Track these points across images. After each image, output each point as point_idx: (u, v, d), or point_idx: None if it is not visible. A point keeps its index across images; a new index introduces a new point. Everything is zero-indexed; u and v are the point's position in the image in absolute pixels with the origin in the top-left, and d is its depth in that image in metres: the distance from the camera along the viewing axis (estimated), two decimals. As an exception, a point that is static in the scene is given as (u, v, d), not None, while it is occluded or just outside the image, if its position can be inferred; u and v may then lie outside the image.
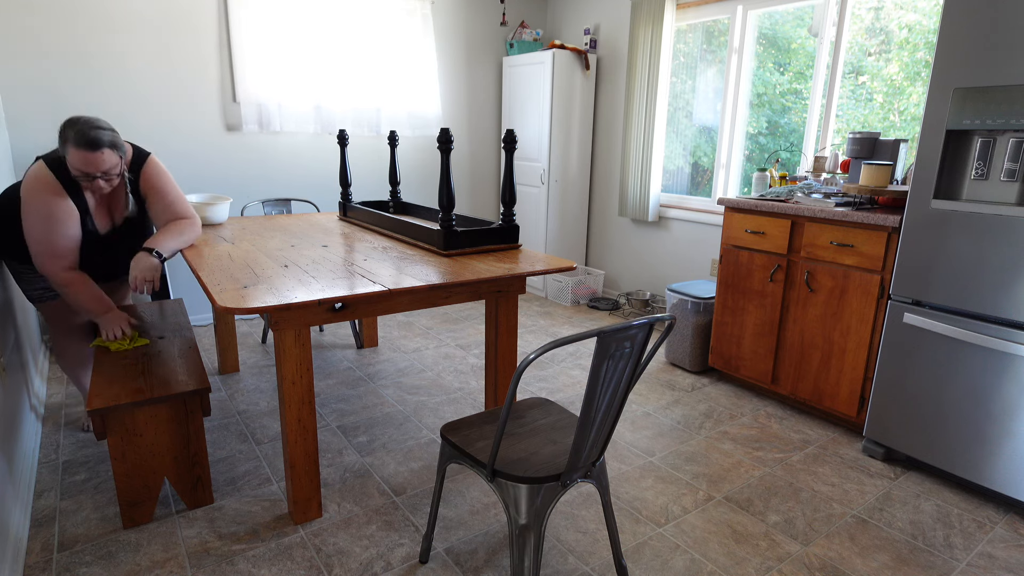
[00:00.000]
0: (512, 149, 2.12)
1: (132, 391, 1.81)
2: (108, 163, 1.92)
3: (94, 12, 3.17)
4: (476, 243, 2.22)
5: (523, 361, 1.17)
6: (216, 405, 2.71)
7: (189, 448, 1.89)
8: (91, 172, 1.90)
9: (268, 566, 1.71)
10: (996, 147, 1.96)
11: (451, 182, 2.11)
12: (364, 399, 2.80)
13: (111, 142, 1.92)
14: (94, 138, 1.87)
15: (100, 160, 1.89)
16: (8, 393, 2.01)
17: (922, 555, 1.81)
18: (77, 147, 1.86)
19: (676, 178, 4.10)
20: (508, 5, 4.57)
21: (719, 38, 3.65)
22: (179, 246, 2.22)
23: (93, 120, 1.91)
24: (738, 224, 2.81)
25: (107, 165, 1.92)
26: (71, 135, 1.86)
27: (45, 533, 1.83)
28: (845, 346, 2.46)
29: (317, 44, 3.76)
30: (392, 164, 2.97)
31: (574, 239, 4.63)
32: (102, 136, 1.89)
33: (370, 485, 2.12)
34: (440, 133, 2.04)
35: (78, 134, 1.86)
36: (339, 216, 3.07)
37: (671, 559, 1.77)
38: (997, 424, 2.00)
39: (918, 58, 2.81)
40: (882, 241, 2.29)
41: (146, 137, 3.43)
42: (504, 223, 2.27)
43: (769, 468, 2.28)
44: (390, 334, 3.70)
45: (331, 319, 1.77)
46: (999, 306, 1.96)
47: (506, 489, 1.40)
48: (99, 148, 1.88)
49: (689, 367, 3.17)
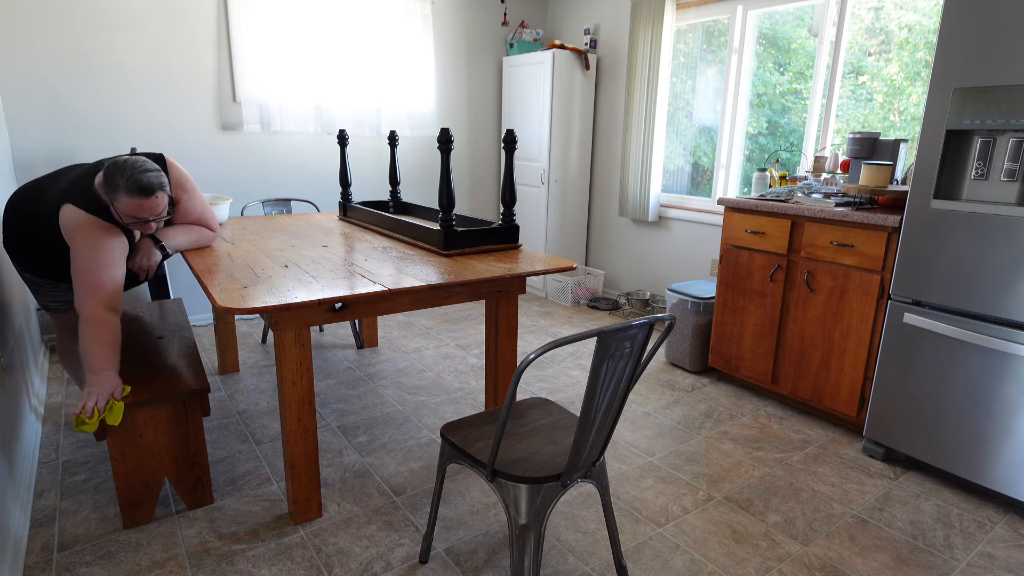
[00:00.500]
0: (512, 149, 2.13)
1: (132, 391, 1.80)
2: (161, 205, 1.86)
3: (93, 13, 3.17)
4: (476, 243, 2.22)
5: (523, 361, 1.17)
6: (216, 405, 2.71)
7: (189, 448, 1.89)
8: (145, 217, 1.85)
9: (268, 566, 1.71)
10: (996, 147, 1.96)
11: (451, 182, 2.11)
12: (364, 399, 2.80)
13: (160, 184, 1.84)
14: (147, 184, 1.79)
15: (155, 204, 1.83)
16: (8, 393, 2.01)
17: (922, 555, 1.81)
18: (131, 195, 1.78)
19: (676, 178, 4.10)
20: (508, 5, 4.57)
21: (719, 38, 3.65)
22: (186, 245, 2.19)
23: (140, 163, 1.83)
24: (738, 224, 2.81)
25: (160, 208, 1.86)
26: (121, 182, 1.77)
27: (45, 533, 1.83)
28: (845, 346, 2.46)
29: (317, 44, 3.76)
30: (392, 164, 2.97)
31: (574, 239, 4.63)
32: (153, 180, 1.81)
33: (370, 485, 2.12)
34: (440, 133, 2.04)
35: (129, 181, 1.77)
36: (339, 216, 3.07)
37: (671, 559, 1.77)
38: (997, 424, 2.00)
39: (918, 58, 2.81)
40: (882, 241, 2.29)
41: (146, 137, 3.43)
42: (504, 223, 2.27)
43: (769, 468, 2.28)
44: (390, 334, 3.70)
45: (331, 319, 1.77)
46: (999, 306, 1.96)
47: (506, 489, 1.40)
48: (153, 193, 1.81)
49: (689, 367, 3.17)
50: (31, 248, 2.03)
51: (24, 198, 2.03)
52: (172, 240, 2.13)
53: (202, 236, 2.26)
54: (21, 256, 2.05)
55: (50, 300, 2.17)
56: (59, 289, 2.15)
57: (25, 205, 2.01)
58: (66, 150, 3.25)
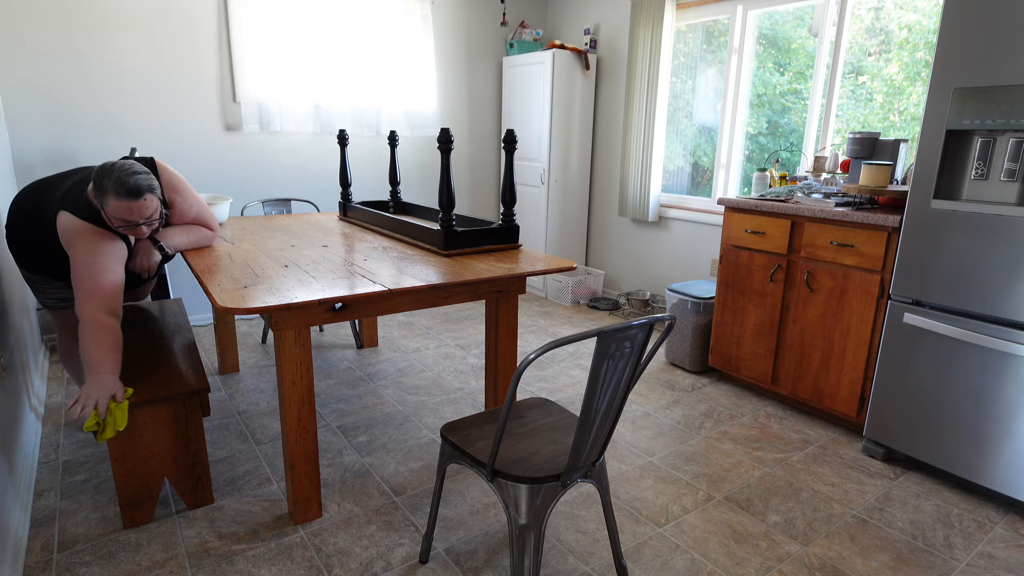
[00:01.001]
0: (512, 149, 2.13)
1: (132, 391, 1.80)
2: (151, 208, 1.86)
3: (92, 13, 3.17)
4: (476, 243, 2.22)
5: (523, 361, 1.17)
6: (216, 405, 2.71)
7: (189, 448, 1.89)
8: (135, 220, 1.84)
9: (268, 566, 1.71)
10: (996, 147, 1.96)
11: (451, 182, 2.11)
12: (364, 399, 2.80)
13: (149, 186, 1.84)
14: (134, 186, 1.79)
15: (144, 207, 1.83)
16: (8, 393, 2.01)
17: (922, 555, 1.81)
18: (119, 197, 1.78)
19: (676, 178, 4.10)
20: (508, 5, 4.57)
21: (719, 38, 3.65)
22: (185, 245, 2.20)
23: (127, 166, 1.83)
24: (738, 224, 2.81)
25: (150, 211, 1.86)
26: (109, 186, 1.77)
27: (45, 533, 1.83)
28: (845, 346, 2.46)
29: (317, 44, 3.76)
30: (392, 164, 2.97)
31: (574, 239, 4.63)
32: (141, 182, 1.81)
33: (370, 485, 2.12)
34: (440, 133, 2.04)
35: (117, 184, 1.78)
36: (339, 216, 3.08)
37: (671, 559, 1.77)
38: (997, 424, 2.00)
39: (918, 58, 2.81)
40: (882, 241, 2.29)
41: (145, 137, 3.43)
42: (504, 223, 2.28)
43: (769, 468, 2.28)
44: (390, 334, 3.70)
45: (331, 319, 1.77)
46: (999, 306, 1.96)
47: (506, 489, 1.40)
48: (141, 195, 1.81)
49: (689, 367, 3.17)
50: (29, 247, 2.05)
51: (27, 198, 2.05)
52: (171, 240, 2.13)
53: (201, 236, 2.26)
54: (21, 253, 2.08)
55: (47, 297, 2.19)
56: (54, 287, 2.16)
57: (27, 206, 2.04)
58: (66, 150, 3.25)
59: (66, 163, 3.26)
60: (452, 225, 2.16)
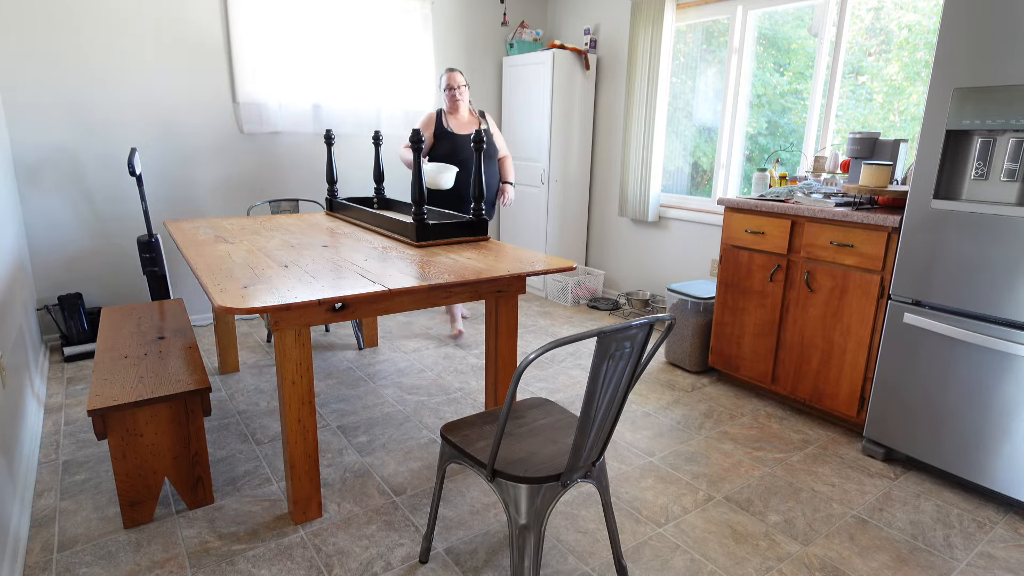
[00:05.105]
0: (480, 149, 2.29)
1: (132, 391, 1.81)
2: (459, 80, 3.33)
3: (92, 13, 3.17)
4: (446, 235, 2.41)
5: (523, 361, 1.17)
6: (216, 405, 2.71)
7: (189, 448, 1.89)
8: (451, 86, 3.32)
9: (268, 566, 1.71)
10: (996, 147, 1.96)
11: (423, 179, 2.31)
12: (364, 399, 2.80)
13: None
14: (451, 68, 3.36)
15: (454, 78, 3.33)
16: (8, 393, 2.02)
17: (922, 555, 1.81)
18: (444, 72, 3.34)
19: (676, 178, 4.10)
20: (508, 5, 4.57)
21: (719, 38, 3.65)
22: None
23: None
24: (738, 224, 2.81)
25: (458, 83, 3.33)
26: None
27: (45, 533, 1.83)
28: (845, 346, 2.46)
29: (317, 44, 3.76)
30: (376, 162, 3.12)
31: (574, 239, 4.63)
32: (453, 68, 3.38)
33: (370, 485, 2.12)
34: (412, 133, 2.21)
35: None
36: (326, 212, 3.22)
37: (671, 559, 1.77)
38: (997, 424, 2.00)
39: (918, 58, 2.81)
40: (882, 241, 2.29)
41: (146, 138, 3.43)
42: (474, 217, 2.47)
43: (769, 468, 2.28)
44: (390, 334, 3.70)
45: (331, 319, 1.77)
46: (999, 306, 1.96)
47: (506, 489, 1.40)
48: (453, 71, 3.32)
49: (689, 367, 3.17)
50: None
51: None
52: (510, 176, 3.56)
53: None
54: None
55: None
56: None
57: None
58: (66, 150, 3.25)
59: (67, 163, 3.26)
60: (424, 218, 2.35)
